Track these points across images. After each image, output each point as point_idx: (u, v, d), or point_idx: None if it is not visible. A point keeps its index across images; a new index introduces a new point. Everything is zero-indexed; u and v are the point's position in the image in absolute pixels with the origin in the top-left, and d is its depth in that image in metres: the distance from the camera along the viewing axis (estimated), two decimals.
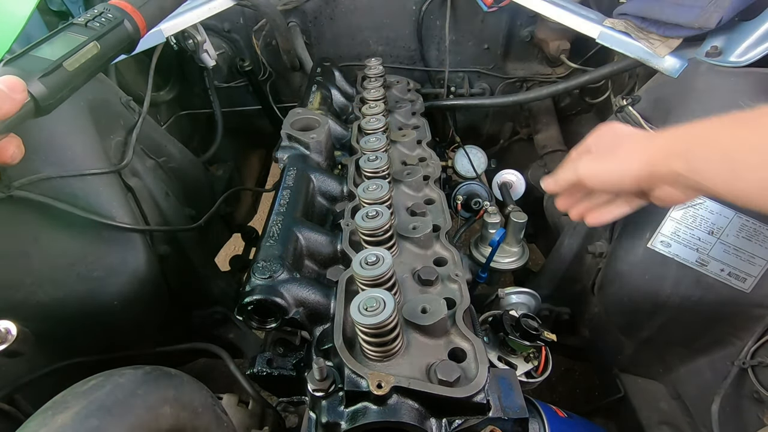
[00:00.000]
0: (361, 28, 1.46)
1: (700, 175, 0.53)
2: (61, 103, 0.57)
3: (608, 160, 0.63)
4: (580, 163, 0.66)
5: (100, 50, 0.63)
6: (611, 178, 0.63)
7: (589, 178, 0.65)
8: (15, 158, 0.52)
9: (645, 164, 0.58)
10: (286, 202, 0.83)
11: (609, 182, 0.64)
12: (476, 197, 1.26)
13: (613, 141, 0.65)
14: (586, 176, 0.65)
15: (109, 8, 0.67)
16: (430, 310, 0.61)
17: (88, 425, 0.45)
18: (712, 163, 0.51)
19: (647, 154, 0.58)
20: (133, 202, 0.95)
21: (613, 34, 1.01)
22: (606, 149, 0.65)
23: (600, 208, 0.72)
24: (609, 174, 0.63)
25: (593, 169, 0.64)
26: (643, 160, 0.58)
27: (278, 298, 0.65)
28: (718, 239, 0.84)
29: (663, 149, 0.57)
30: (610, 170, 0.62)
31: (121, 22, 0.67)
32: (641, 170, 0.59)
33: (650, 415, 1.01)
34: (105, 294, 0.86)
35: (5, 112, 0.49)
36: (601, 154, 0.65)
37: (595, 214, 0.73)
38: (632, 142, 0.62)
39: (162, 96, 1.44)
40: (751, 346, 0.84)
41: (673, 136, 0.57)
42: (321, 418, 0.56)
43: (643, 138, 0.63)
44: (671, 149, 0.56)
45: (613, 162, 0.62)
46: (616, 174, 0.62)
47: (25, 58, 0.56)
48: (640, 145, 0.60)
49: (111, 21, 0.65)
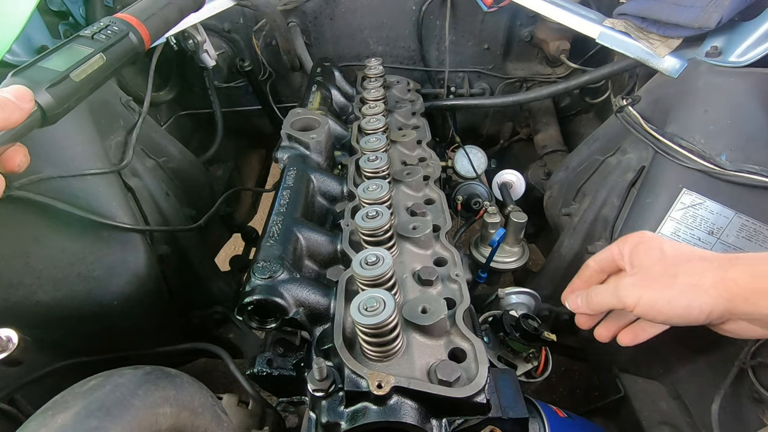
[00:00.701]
0: (361, 28, 1.46)
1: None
2: (68, 113, 0.59)
3: (666, 288, 0.54)
4: (623, 286, 0.58)
5: (106, 62, 0.65)
6: (674, 311, 0.54)
7: (642, 308, 0.56)
8: (22, 167, 0.54)
9: (721, 299, 0.51)
10: (286, 202, 0.83)
11: (670, 315, 0.55)
12: (476, 197, 1.26)
13: (664, 261, 0.56)
14: (636, 305, 0.56)
15: (115, 21, 0.69)
16: (430, 310, 0.61)
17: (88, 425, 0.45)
18: None
19: (724, 288, 0.51)
20: (133, 202, 0.95)
21: (613, 34, 1.01)
22: (659, 273, 0.56)
23: (637, 328, 0.64)
24: (670, 306, 0.54)
25: (647, 298, 0.55)
26: (718, 294, 0.51)
27: (278, 298, 0.65)
28: (718, 239, 0.84)
29: (745, 285, 0.50)
30: (671, 301, 0.54)
31: (126, 35, 0.69)
32: (716, 305, 0.51)
33: (650, 415, 1.01)
34: (105, 294, 0.86)
35: (13, 121, 0.50)
36: (652, 279, 0.56)
37: (630, 336, 0.64)
38: (702, 266, 0.53)
39: (162, 96, 1.44)
40: (751, 346, 0.84)
41: (755, 269, 0.50)
42: (321, 418, 0.56)
43: (713, 266, 0.53)
44: (757, 287, 0.49)
45: (673, 293, 0.54)
46: (680, 307, 0.53)
47: (32, 68, 0.57)
48: (712, 275, 0.52)
49: (117, 33, 0.68)
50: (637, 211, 0.92)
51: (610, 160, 1.07)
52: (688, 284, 0.53)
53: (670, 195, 0.86)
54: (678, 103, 0.88)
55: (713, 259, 0.54)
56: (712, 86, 0.84)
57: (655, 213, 0.88)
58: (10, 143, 0.51)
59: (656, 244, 0.59)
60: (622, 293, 0.57)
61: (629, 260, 0.59)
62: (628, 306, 0.57)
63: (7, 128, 0.49)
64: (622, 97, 1.00)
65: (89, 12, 1.05)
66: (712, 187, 0.83)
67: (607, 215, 1.01)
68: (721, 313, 0.52)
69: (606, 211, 1.02)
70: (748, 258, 0.52)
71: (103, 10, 1.05)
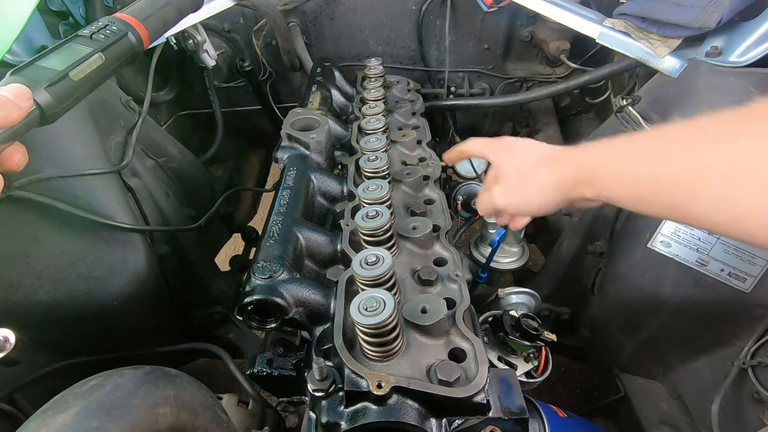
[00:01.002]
0: (361, 28, 1.46)
1: (609, 199, 0.57)
2: (66, 112, 0.59)
3: (522, 191, 0.67)
4: (494, 195, 0.71)
5: (105, 61, 0.65)
6: (530, 208, 0.68)
7: (511, 210, 0.71)
8: (20, 166, 0.54)
9: (558, 193, 0.63)
10: (286, 202, 0.83)
11: (529, 211, 0.70)
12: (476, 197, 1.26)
13: (520, 168, 0.68)
14: (505, 208, 0.71)
15: (114, 21, 0.70)
16: (430, 310, 0.61)
17: (88, 425, 0.45)
18: (618, 190, 0.55)
19: (558, 183, 0.62)
20: (133, 202, 0.95)
21: (613, 34, 1.01)
22: (516, 179, 0.68)
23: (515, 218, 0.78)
24: (527, 204, 0.68)
25: (510, 201, 0.69)
26: (554, 189, 0.63)
27: (278, 298, 0.65)
28: (718, 239, 0.84)
29: (571, 178, 0.60)
30: (526, 201, 0.67)
31: (125, 35, 0.69)
32: (556, 198, 0.64)
33: (650, 415, 1.01)
34: (105, 294, 0.86)
35: (12, 120, 0.50)
36: (512, 185, 0.69)
37: (513, 223, 0.79)
38: (541, 171, 0.65)
39: (162, 96, 1.44)
40: (751, 346, 0.84)
41: (579, 162, 0.60)
42: (321, 418, 0.56)
43: (549, 164, 0.64)
44: (579, 178, 0.59)
45: (528, 193, 0.67)
46: (534, 204, 0.67)
47: (31, 67, 0.57)
48: (549, 174, 0.64)
49: (116, 33, 0.68)
50: None
51: None
52: (536, 188, 0.65)
53: None
54: (678, 103, 0.88)
55: (548, 161, 0.65)
56: (712, 86, 0.84)
57: None
58: (8, 142, 0.51)
59: (511, 155, 0.71)
60: (495, 200, 0.72)
61: (502, 172, 0.72)
62: (501, 209, 0.72)
63: (5, 127, 0.49)
64: (622, 97, 1.00)
65: (89, 12, 1.05)
66: None
67: (607, 215, 1.01)
68: (562, 201, 0.64)
69: (606, 211, 1.02)
70: (571, 156, 0.62)
71: (103, 10, 1.05)
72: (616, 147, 0.55)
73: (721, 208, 0.43)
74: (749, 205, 0.41)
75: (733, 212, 0.43)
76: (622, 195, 0.55)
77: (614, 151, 0.56)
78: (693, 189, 0.45)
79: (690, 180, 0.45)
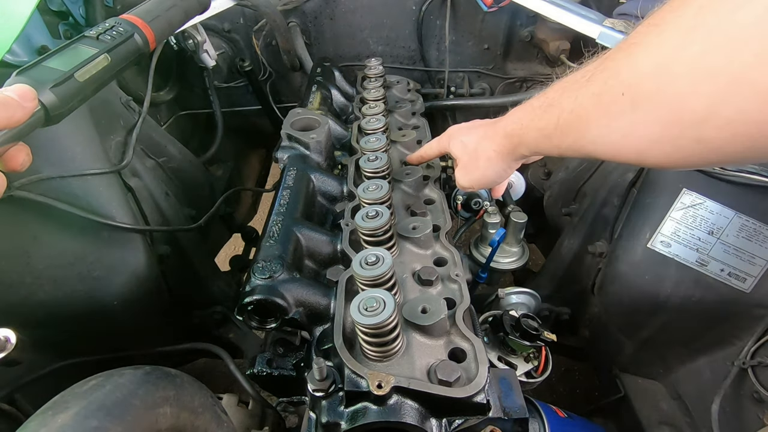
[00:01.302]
0: (361, 28, 1.46)
1: (539, 152, 0.66)
2: (71, 112, 0.59)
3: (477, 169, 0.76)
4: (458, 179, 0.80)
5: (111, 62, 0.65)
6: (489, 179, 0.77)
7: (474, 186, 0.79)
8: (24, 166, 0.54)
9: (504, 159, 0.71)
10: (286, 202, 0.83)
11: (490, 182, 0.78)
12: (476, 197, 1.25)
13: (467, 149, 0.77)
14: (470, 185, 0.79)
15: (120, 22, 0.70)
16: (430, 310, 0.61)
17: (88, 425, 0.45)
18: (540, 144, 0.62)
19: (500, 152, 0.71)
20: (133, 202, 0.94)
21: (613, 34, 1.01)
22: (468, 159, 0.77)
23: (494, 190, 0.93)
24: (486, 177, 0.76)
25: (472, 179, 0.78)
26: (500, 157, 0.71)
27: (278, 298, 0.65)
28: (718, 239, 0.84)
29: (508, 144, 0.69)
30: (484, 175, 0.76)
31: (131, 36, 0.69)
32: (504, 164, 0.73)
33: (650, 415, 1.01)
34: (105, 294, 0.86)
35: (16, 120, 0.50)
36: (468, 166, 0.77)
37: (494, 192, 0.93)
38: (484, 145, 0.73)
39: (162, 96, 1.44)
40: (751, 346, 0.84)
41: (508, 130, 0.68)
42: (321, 418, 0.56)
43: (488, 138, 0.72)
44: (513, 142, 0.67)
45: (482, 168, 0.75)
46: (490, 176, 0.75)
47: (37, 68, 0.57)
48: (490, 145, 0.72)
49: (122, 34, 0.68)
50: (638, 210, 0.92)
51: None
52: (485, 161, 0.73)
53: (670, 195, 0.87)
54: None
55: (489, 135, 0.72)
56: None
57: (656, 213, 0.88)
58: (12, 142, 0.51)
59: (458, 139, 0.79)
60: (460, 183, 0.80)
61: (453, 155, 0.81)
62: (468, 188, 0.80)
63: (9, 127, 0.49)
64: None
65: (89, 12, 1.05)
66: (712, 187, 0.83)
67: (607, 215, 1.01)
68: (512, 163, 0.73)
69: (606, 211, 1.02)
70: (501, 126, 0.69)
71: (103, 10, 1.05)
72: (530, 107, 0.62)
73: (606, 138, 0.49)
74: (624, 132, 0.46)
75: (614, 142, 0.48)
76: (543, 147, 0.62)
77: (529, 112, 0.63)
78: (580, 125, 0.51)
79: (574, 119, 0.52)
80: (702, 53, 0.36)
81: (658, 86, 0.41)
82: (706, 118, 0.38)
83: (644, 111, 0.43)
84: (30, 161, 0.54)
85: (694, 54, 0.37)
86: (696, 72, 0.37)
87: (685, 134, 0.40)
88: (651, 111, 0.42)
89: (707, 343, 0.93)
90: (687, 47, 0.37)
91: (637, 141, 0.45)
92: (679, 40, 0.38)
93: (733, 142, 0.38)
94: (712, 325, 0.90)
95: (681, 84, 0.38)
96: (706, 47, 0.36)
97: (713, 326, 0.90)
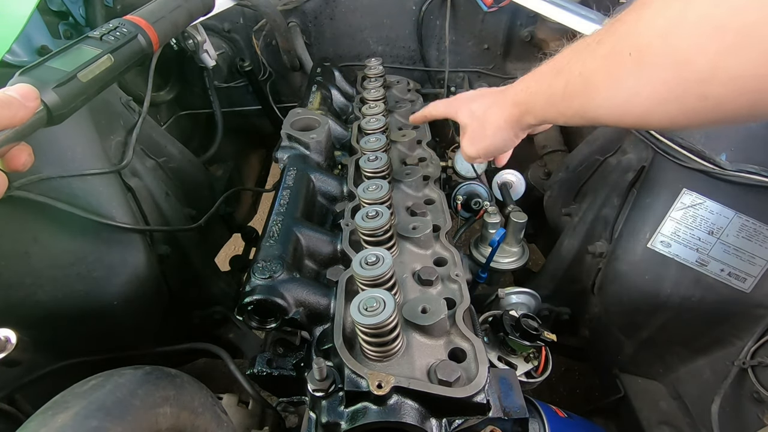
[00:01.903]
0: (361, 28, 1.46)
1: (546, 120, 0.66)
2: (74, 113, 0.59)
3: (484, 137, 0.76)
4: (465, 147, 0.80)
5: (114, 63, 0.65)
6: (496, 148, 0.77)
7: (483, 155, 0.79)
8: (26, 166, 0.54)
9: (512, 127, 0.72)
10: (286, 202, 0.83)
11: (497, 150, 0.78)
12: (476, 197, 1.26)
13: (475, 116, 0.77)
14: (478, 154, 0.79)
15: (124, 23, 0.70)
16: (430, 310, 0.61)
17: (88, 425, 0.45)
18: (548, 111, 0.62)
19: (507, 120, 0.71)
20: (133, 202, 0.95)
21: None
22: (476, 127, 0.77)
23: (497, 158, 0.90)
24: (492, 146, 0.77)
25: (479, 148, 0.78)
26: (508, 125, 0.72)
27: (278, 298, 0.65)
28: (718, 239, 0.84)
29: (517, 113, 0.69)
30: (491, 143, 0.76)
31: (135, 37, 0.69)
32: (512, 132, 0.73)
33: (650, 415, 1.01)
34: (105, 294, 0.86)
35: (18, 120, 0.50)
36: (475, 134, 0.78)
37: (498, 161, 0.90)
38: (493, 113, 0.73)
39: (162, 96, 1.44)
40: (751, 346, 0.84)
41: (516, 98, 0.68)
42: (321, 418, 0.56)
43: (498, 105, 0.73)
44: (521, 110, 0.68)
45: (489, 137, 0.75)
46: (498, 144, 0.76)
47: (40, 68, 0.57)
48: (499, 114, 0.72)
49: (125, 35, 0.68)
50: (638, 211, 0.92)
51: (610, 160, 1.07)
52: (493, 129, 0.74)
53: (670, 195, 0.87)
54: None
55: (499, 103, 0.73)
56: None
57: (656, 213, 0.88)
58: (14, 142, 0.51)
59: (467, 107, 0.79)
60: (467, 152, 0.80)
61: (460, 122, 0.81)
62: (475, 158, 0.80)
63: (11, 126, 0.49)
64: None
65: (89, 12, 1.05)
66: (712, 187, 0.83)
67: (607, 215, 1.01)
68: (519, 132, 0.73)
69: (606, 211, 1.02)
70: (511, 93, 0.69)
71: (103, 10, 1.05)
72: (539, 74, 0.63)
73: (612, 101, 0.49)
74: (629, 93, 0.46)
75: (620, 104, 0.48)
76: (551, 115, 0.62)
77: (537, 78, 0.63)
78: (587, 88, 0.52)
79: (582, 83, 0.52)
80: (708, 11, 0.37)
81: (664, 45, 0.41)
82: (713, 75, 0.38)
83: (650, 71, 0.43)
84: (32, 161, 0.54)
85: (700, 12, 0.37)
86: (702, 29, 0.38)
87: (691, 92, 0.40)
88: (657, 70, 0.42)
89: (707, 343, 0.93)
90: (693, 5, 0.38)
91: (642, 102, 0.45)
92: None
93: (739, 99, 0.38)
94: (712, 325, 0.90)
95: (687, 42, 0.39)
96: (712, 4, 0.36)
97: (713, 326, 0.90)
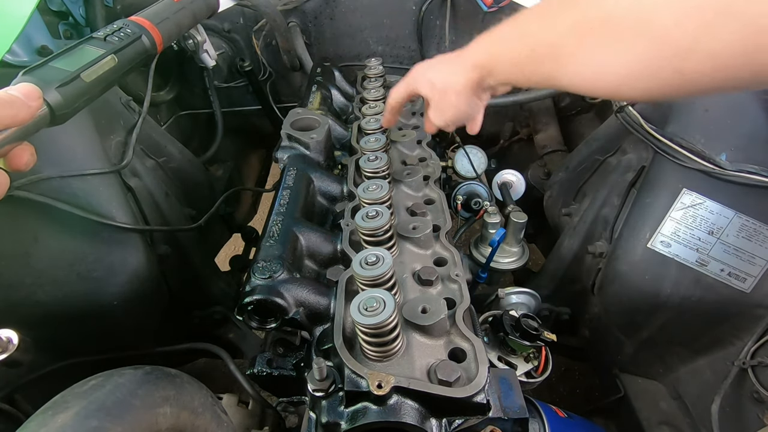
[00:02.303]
0: (361, 28, 1.46)
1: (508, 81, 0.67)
2: (77, 113, 0.59)
3: (448, 105, 0.76)
4: (432, 118, 0.80)
5: (118, 63, 0.65)
6: (464, 115, 0.77)
7: (450, 123, 0.79)
8: (29, 166, 0.53)
9: (474, 91, 0.72)
10: (286, 202, 0.83)
11: (464, 119, 0.78)
12: (476, 197, 1.26)
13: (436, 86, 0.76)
14: (446, 123, 0.79)
15: (128, 24, 0.70)
16: (430, 310, 0.61)
17: (88, 425, 0.45)
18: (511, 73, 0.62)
19: (468, 84, 0.70)
20: (133, 202, 0.95)
21: None
22: (438, 97, 0.77)
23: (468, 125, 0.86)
24: (458, 113, 0.76)
25: (445, 117, 0.78)
26: (469, 90, 0.71)
27: (278, 298, 0.65)
28: (718, 239, 0.84)
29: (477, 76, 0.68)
30: (456, 110, 0.76)
31: (138, 38, 0.69)
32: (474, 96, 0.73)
33: (650, 415, 1.01)
34: (105, 294, 0.86)
35: (21, 119, 0.49)
36: (439, 103, 0.77)
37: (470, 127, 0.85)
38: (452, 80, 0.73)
39: (162, 96, 1.44)
40: (751, 346, 0.84)
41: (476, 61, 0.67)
42: (321, 418, 0.56)
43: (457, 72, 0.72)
44: (482, 74, 0.67)
45: (453, 104, 0.75)
46: (462, 110, 0.75)
47: (43, 68, 0.57)
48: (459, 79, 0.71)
49: (129, 36, 0.68)
50: (637, 211, 0.92)
51: (610, 160, 1.07)
52: (455, 96, 0.73)
53: (670, 195, 0.87)
54: (678, 103, 0.88)
55: (456, 69, 0.72)
56: None
57: (655, 213, 0.88)
58: (17, 141, 0.50)
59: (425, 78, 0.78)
60: (434, 122, 0.80)
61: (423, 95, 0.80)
62: (443, 127, 0.80)
63: (14, 126, 0.49)
64: None
65: (89, 12, 1.05)
66: (712, 187, 0.83)
67: (607, 215, 1.01)
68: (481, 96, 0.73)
69: (606, 211, 1.02)
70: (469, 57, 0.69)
71: (103, 10, 1.05)
72: (499, 36, 0.62)
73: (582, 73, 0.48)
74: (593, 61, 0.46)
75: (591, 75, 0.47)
76: (514, 78, 0.62)
77: (498, 41, 0.62)
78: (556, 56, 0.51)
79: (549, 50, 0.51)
80: None
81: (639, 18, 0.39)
82: (690, 51, 0.37)
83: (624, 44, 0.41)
84: (34, 161, 0.54)
85: None
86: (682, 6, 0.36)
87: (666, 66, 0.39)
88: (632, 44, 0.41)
89: (707, 343, 0.93)
90: None
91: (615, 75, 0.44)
92: None
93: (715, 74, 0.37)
94: (712, 325, 0.90)
95: (664, 16, 0.38)
96: None
97: (713, 326, 0.90)
